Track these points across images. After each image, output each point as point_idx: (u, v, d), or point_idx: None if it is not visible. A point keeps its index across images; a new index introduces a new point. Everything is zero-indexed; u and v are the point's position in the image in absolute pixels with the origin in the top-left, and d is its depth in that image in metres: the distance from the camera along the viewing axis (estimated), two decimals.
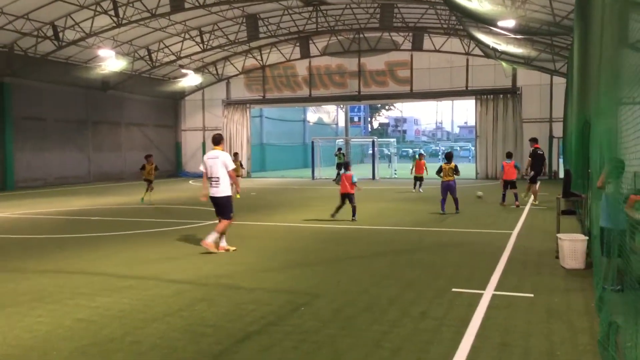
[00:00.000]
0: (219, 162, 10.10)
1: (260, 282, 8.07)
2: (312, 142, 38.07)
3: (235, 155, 23.66)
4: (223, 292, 7.50)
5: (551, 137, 31.79)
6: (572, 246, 8.61)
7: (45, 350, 5.37)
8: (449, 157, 16.26)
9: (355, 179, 14.78)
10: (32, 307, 6.86)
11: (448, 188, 15.82)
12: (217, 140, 10.43)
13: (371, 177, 35.02)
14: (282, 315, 6.41)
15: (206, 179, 10.43)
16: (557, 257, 9.10)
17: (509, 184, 17.81)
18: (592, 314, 6.30)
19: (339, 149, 35.34)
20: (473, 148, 37.67)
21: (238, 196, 20.94)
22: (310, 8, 30.39)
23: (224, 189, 10.15)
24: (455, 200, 15.92)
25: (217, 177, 10.10)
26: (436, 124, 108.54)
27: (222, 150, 10.39)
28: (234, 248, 10.50)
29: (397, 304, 6.83)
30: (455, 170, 15.72)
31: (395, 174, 37.63)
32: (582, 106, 10.05)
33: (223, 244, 10.45)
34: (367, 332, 5.77)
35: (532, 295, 7.16)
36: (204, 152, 39.13)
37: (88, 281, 8.17)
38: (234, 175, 10.39)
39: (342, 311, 6.55)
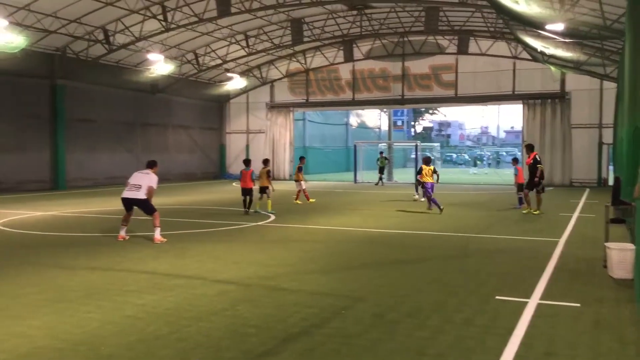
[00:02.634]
0: (147, 177, 12.18)
1: (302, 284, 8.13)
2: (355, 146, 38.03)
3: (301, 159, 21.91)
4: (266, 293, 7.59)
5: (601, 143, 30.97)
6: (621, 255, 8.39)
7: (94, 345, 5.54)
8: (427, 161, 18.70)
9: (254, 176, 17.31)
10: (81, 303, 7.08)
11: (428, 187, 18.02)
12: (150, 164, 12.57)
13: (414, 181, 34.70)
14: (325, 317, 6.45)
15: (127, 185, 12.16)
16: (605, 267, 8.88)
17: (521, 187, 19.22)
18: None
19: (381, 153, 35.23)
20: (520, 153, 37.00)
21: (298, 202, 20.66)
22: (355, 12, 30.41)
23: (141, 194, 11.96)
24: (427, 198, 18.17)
25: (140, 185, 12.02)
26: (481, 128, 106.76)
27: (155, 173, 12.42)
28: (165, 240, 11.91)
29: (441, 310, 6.79)
30: (434, 171, 18.21)
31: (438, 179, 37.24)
32: (634, 112, 9.78)
33: (158, 235, 11.86)
34: (410, 338, 5.75)
35: (578, 305, 7.01)
36: (247, 155, 39.59)
37: (135, 279, 8.38)
38: (152, 192, 12.16)
39: (385, 316, 6.54)
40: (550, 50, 25.65)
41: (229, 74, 36.27)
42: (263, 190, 17.66)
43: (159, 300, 7.16)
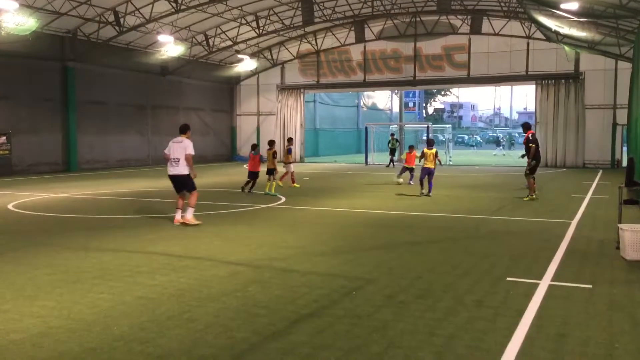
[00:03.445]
0: (182, 146, 11.60)
1: (313, 265, 8.15)
2: (366, 128, 37.91)
3: (289, 140, 21.79)
4: (276, 274, 7.61)
5: (615, 124, 30.65)
6: (634, 237, 8.32)
7: (106, 325, 5.59)
8: (431, 142, 17.74)
9: (263, 160, 17.86)
10: (94, 283, 7.13)
11: (428, 173, 16.85)
12: (183, 129, 11.94)
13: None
14: (335, 299, 6.46)
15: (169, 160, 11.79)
16: (618, 248, 8.82)
17: None
18: None
19: (392, 135, 35.07)
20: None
21: (297, 185, 20.06)
22: None
23: (182, 169, 11.61)
24: (430, 185, 17.00)
25: (178, 159, 11.59)
26: (494, 109, 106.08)
27: (188, 137, 11.86)
28: (199, 222, 11.69)
29: (452, 291, 6.77)
30: (436, 155, 17.09)
31: (451, 160, 37.13)
32: None
33: (189, 216, 11.68)
34: (421, 319, 5.75)
35: (590, 286, 6.97)
36: (258, 137, 39.64)
37: (147, 260, 8.44)
38: (190, 159, 11.63)
39: (395, 297, 6.54)
40: (565, 29, 25.31)
41: (240, 56, 36.17)
42: (270, 172, 17.65)
43: (170, 281, 7.21)
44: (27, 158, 26.68)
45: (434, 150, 17.05)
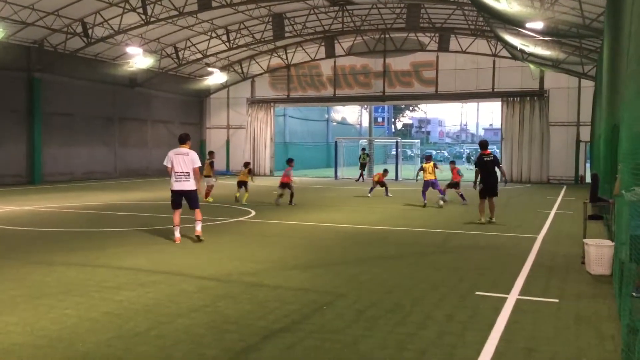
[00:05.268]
0: (189, 159, 10.95)
1: (283, 280, 8.10)
2: (336, 142, 38.05)
3: (211, 154, 20.95)
4: (246, 289, 7.54)
5: (578, 141, 31.36)
6: (599, 252, 8.49)
7: (71, 341, 5.46)
8: (428, 157, 19.73)
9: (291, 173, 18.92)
10: (59, 299, 6.97)
11: (432, 184, 18.76)
12: (184, 139, 11.23)
13: (394, 178, 34.84)
14: (306, 314, 6.43)
15: (172, 174, 11.07)
16: (583, 263, 8.98)
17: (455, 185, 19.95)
18: (618, 321, 6.21)
19: (363, 149, 35.26)
20: (498, 151, 37.29)
21: (211, 200, 19.14)
22: (336, 8, 30.35)
23: (192, 184, 11.06)
24: (441, 192, 19.11)
25: (187, 172, 10.96)
26: (461, 125, 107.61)
27: (189, 148, 11.18)
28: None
29: (421, 306, 6.80)
30: (435, 167, 19.00)
31: (419, 175, 37.45)
32: (611, 110, 9.90)
33: (199, 228, 11.25)
34: (391, 334, 5.75)
35: (557, 300, 7.08)
36: (227, 150, 39.45)
37: (113, 275, 8.28)
38: (198, 172, 11.12)
39: (366, 312, 6.54)
40: (530, 48, 25.89)
41: (210, 69, 36.01)
42: (240, 184, 19.08)
43: (137, 297, 7.08)
44: None
45: (431, 163, 18.81)
